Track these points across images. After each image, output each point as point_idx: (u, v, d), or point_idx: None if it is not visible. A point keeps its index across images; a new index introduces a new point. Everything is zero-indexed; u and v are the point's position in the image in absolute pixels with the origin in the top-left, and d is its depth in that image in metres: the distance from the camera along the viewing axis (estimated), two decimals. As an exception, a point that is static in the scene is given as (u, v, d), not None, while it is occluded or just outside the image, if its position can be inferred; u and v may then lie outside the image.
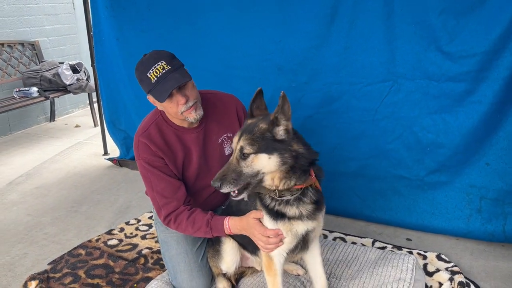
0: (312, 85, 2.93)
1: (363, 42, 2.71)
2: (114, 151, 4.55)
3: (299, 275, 2.25)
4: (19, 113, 5.47)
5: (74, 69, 5.18)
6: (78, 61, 5.34)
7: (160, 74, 1.84)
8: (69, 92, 5.21)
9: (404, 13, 2.54)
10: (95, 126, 5.65)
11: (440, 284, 2.23)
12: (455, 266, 2.37)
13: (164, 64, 1.87)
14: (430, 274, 2.31)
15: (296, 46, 2.92)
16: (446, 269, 2.34)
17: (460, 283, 2.16)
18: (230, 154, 2.16)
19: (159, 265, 2.49)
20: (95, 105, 5.77)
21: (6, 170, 4.18)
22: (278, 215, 1.74)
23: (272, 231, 1.76)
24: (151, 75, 1.85)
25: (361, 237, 2.72)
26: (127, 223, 3.00)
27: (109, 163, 4.24)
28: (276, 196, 1.71)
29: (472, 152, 2.60)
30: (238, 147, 1.67)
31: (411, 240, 2.76)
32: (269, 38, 3.00)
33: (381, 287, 2.05)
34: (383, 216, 2.92)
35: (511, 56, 2.35)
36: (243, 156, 1.65)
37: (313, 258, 1.98)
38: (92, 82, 5.42)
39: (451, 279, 2.22)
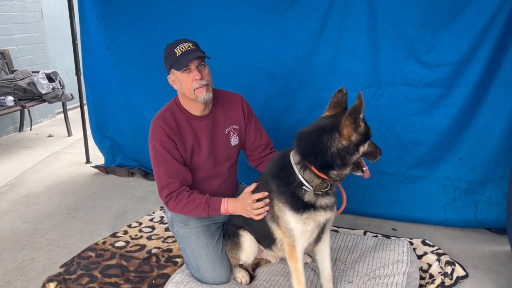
0: (302, 91, 3.18)
1: (350, 52, 3.00)
2: (96, 159, 4.56)
3: (307, 263, 2.46)
4: (-12, 124, 5.32)
5: (50, 78, 5.13)
6: (53, 70, 5.28)
7: (185, 50, 2.14)
8: (45, 101, 5.14)
9: (387, 26, 2.85)
10: (69, 135, 5.59)
11: (429, 265, 2.53)
12: (439, 249, 2.68)
13: (190, 45, 2.18)
14: (419, 257, 2.60)
15: (287, 55, 3.16)
16: (432, 252, 2.64)
17: (447, 262, 2.47)
18: (236, 145, 2.44)
19: (172, 262, 2.61)
20: (69, 113, 5.76)
21: (-14, 180, 4.08)
22: (305, 206, 1.92)
23: (260, 194, 2.04)
24: (177, 50, 2.14)
25: (352, 229, 2.99)
26: (129, 226, 3.08)
27: (94, 171, 4.26)
28: (328, 186, 1.92)
29: (446, 148, 2.96)
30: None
31: (396, 230, 3.07)
32: (261, 48, 3.23)
33: (383, 267, 2.31)
34: (370, 210, 3.22)
35: (478, 64, 2.72)
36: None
37: (323, 250, 2.17)
38: (67, 91, 5.41)
39: (438, 260, 2.53)
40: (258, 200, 2.07)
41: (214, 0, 3.28)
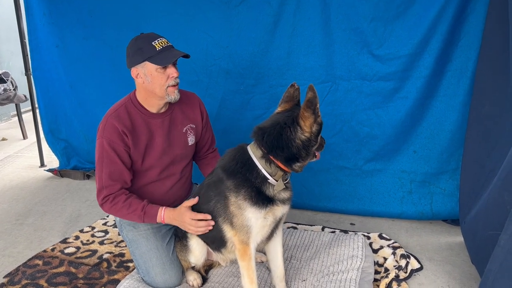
0: (259, 88, 3.14)
1: (304, 47, 2.98)
2: (51, 162, 4.40)
3: (262, 261, 2.42)
4: None
5: (1, 79, 4.90)
6: (4, 70, 5.05)
7: (165, 45, 2.08)
8: (-4, 103, 4.91)
9: (340, 20, 2.85)
10: (24, 138, 5.37)
11: (385, 258, 2.53)
12: (395, 242, 2.69)
13: (166, 41, 2.12)
14: (376, 251, 2.60)
15: (243, 51, 3.11)
16: (388, 245, 2.65)
17: (402, 255, 2.47)
18: (192, 145, 2.37)
19: (123, 267, 2.51)
20: (23, 116, 5.52)
21: None
22: (267, 201, 1.88)
23: (202, 215, 2.01)
24: (156, 44, 2.05)
25: (311, 225, 2.97)
26: (81, 231, 2.96)
27: (49, 174, 4.09)
28: (287, 178, 1.91)
29: (401, 141, 2.98)
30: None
31: (354, 224, 3.06)
32: (216, 44, 3.17)
33: (338, 264, 2.29)
34: (328, 205, 3.20)
35: (430, 57, 2.75)
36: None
37: (275, 247, 2.13)
38: (20, 92, 5.18)
39: (393, 253, 2.53)
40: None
41: (165, -6, 3.19)
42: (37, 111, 4.15)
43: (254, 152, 1.91)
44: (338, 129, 3.06)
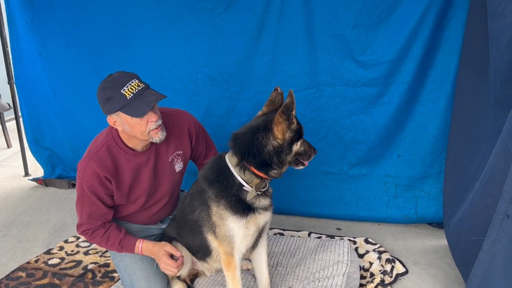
0: (244, 94, 3.15)
1: (288, 54, 3.00)
2: (36, 171, 4.34)
3: (248, 269, 2.41)
4: None
5: (-17, 88, 4.84)
6: (-14, 79, 4.99)
7: (136, 90, 1.86)
8: (-21, 112, 4.84)
9: (323, 27, 2.87)
10: (8, 147, 5.30)
11: (371, 263, 2.55)
12: (381, 246, 2.71)
13: (138, 82, 1.89)
14: (361, 256, 2.62)
15: (227, 58, 3.11)
16: (374, 250, 2.67)
17: (387, 259, 2.49)
18: (181, 170, 2.31)
19: (108, 277, 2.49)
20: (8, 124, 5.45)
21: None
22: (247, 209, 1.87)
23: (176, 264, 2.05)
24: (126, 92, 1.84)
25: (297, 231, 2.97)
26: (66, 241, 2.93)
27: (33, 184, 4.04)
28: (266, 185, 1.89)
29: (385, 146, 3.00)
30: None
31: (340, 229, 3.08)
32: (201, 51, 3.17)
33: (323, 270, 2.29)
34: (315, 210, 3.21)
35: (411, 63, 2.79)
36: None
37: (260, 255, 2.14)
38: (3, 100, 5.12)
39: (379, 258, 2.55)
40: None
41: (150, 1, 3.18)
42: (21, 119, 4.11)
43: (230, 160, 1.90)
44: (323, 135, 3.08)
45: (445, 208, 2.65)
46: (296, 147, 1.87)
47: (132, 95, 1.84)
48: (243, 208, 1.87)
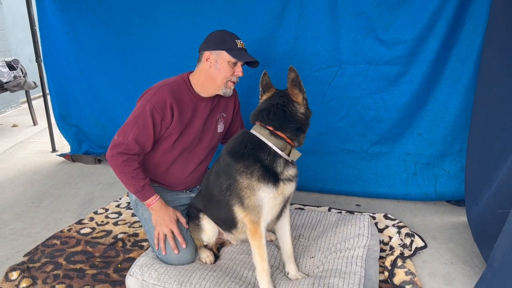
0: (266, 73, 3.19)
1: (311, 32, 3.02)
2: (62, 147, 4.49)
3: (271, 240, 2.51)
4: None
5: (11, 66, 4.97)
6: (13, 57, 5.11)
7: (244, 48, 2.32)
8: (6, 90, 4.99)
9: (346, 5, 2.88)
10: (34, 124, 5.46)
11: (390, 237, 2.62)
12: (400, 222, 2.78)
13: (244, 45, 2.34)
14: (381, 231, 2.69)
15: (249, 36, 3.12)
16: (393, 225, 2.74)
17: (407, 234, 2.56)
18: (221, 132, 2.53)
19: (138, 246, 2.62)
20: (33, 102, 5.61)
21: None
22: (277, 180, 1.97)
23: (176, 230, 2.24)
24: (238, 43, 2.29)
25: (317, 206, 3.06)
26: (96, 213, 3.06)
27: (60, 159, 4.19)
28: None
29: (406, 124, 3.03)
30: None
31: (360, 205, 3.15)
32: (224, 29, 3.19)
33: (344, 242, 2.37)
34: (335, 187, 3.28)
35: (434, 42, 2.78)
36: None
37: (284, 226, 2.21)
38: (30, 79, 5.26)
39: (398, 232, 2.62)
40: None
41: (174, -19, 3.23)
42: (48, 97, 4.24)
43: (260, 133, 2.02)
44: (344, 113, 3.12)
45: (467, 186, 2.68)
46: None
47: (241, 47, 2.29)
48: (273, 179, 1.96)
